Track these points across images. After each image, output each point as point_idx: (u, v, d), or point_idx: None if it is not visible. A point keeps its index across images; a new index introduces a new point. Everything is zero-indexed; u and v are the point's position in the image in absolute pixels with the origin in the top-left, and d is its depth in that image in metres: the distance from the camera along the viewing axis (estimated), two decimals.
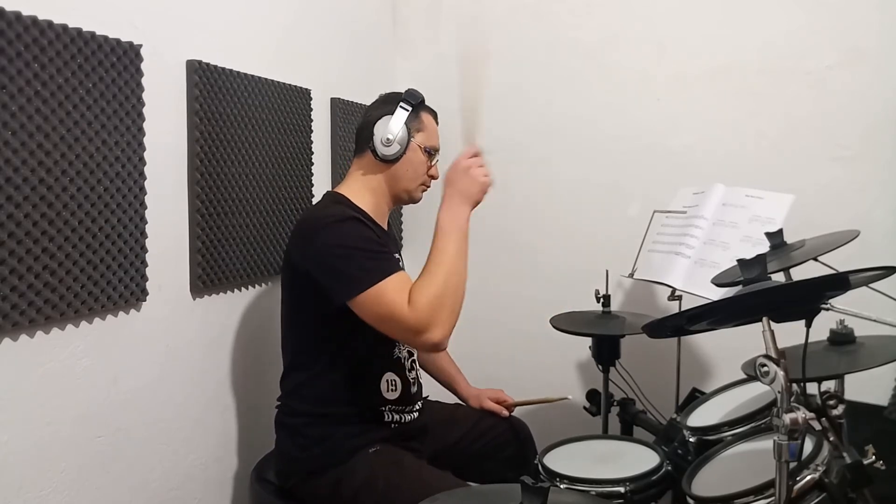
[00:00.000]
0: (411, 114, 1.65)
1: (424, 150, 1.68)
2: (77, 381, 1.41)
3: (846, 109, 2.12)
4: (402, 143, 1.64)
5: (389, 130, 1.62)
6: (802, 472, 1.19)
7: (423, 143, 1.68)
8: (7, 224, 1.23)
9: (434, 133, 1.72)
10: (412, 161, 1.67)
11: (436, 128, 1.74)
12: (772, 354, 1.06)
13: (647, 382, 2.12)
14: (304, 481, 1.57)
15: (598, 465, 1.62)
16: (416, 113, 1.67)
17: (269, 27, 1.98)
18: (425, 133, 1.69)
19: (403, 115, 1.64)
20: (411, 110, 1.65)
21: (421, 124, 1.68)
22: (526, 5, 2.52)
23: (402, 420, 1.66)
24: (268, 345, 1.69)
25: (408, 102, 1.65)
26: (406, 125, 1.64)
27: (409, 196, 1.72)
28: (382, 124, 1.64)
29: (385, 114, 1.65)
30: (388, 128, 1.62)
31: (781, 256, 1.49)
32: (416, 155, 1.67)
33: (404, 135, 1.64)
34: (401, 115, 1.63)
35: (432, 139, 1.71)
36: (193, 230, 1.69)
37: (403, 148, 1.64)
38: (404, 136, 1.64)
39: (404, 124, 1.64)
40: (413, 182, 1.70)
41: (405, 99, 1.65)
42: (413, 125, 1.66)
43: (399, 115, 1.63)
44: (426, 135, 1.69)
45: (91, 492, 1.44)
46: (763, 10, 2.20)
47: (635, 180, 2.38)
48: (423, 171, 1.70)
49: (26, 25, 1.25)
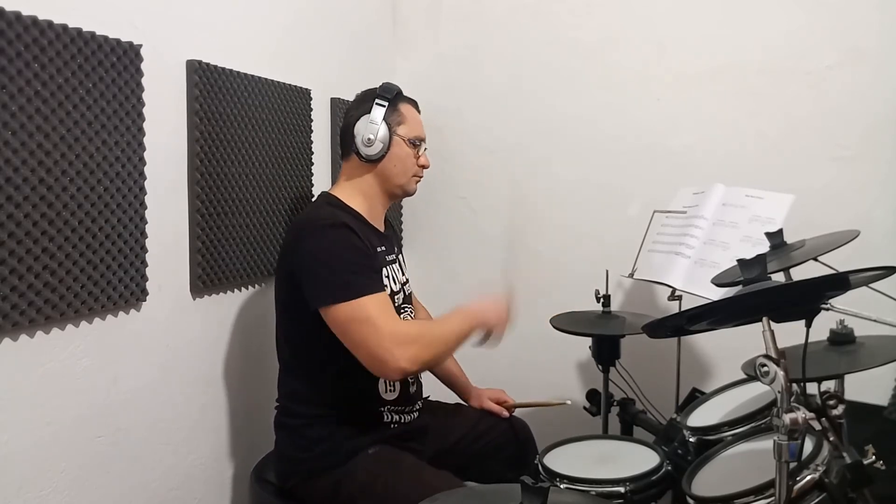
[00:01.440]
0: (388, 108, 1.63)
1: (409, 141, 1.66)
2: (77, 381, 1.41)
3: (846, 109, 2.11)
4: (384, 140, 1.62)
5: (369, 130, 1.61)
6: (802, 472, 1.19)
7: (406, 135, 1.66)
8: (7, 224, 1.23)
9: (417, 123, 1.70)
10: (398, 155, 1.65)
11: (418, 117, 1.71)
12: (772, 354, 1.06)
13: (647, 382, 2.12)
14: (303, 482, 1.57)
15: (598, 465, 1.62)
16: (393, 106, 1.65)
17: (269, 27, 1.98)
18: (407, 125, 1.67)
19: (381, 112, 1.62)
20: (388, 105, 1.63)
21: (401, 117, 1.66)
22: (526, 5, 2.52)
23: (401, 420, 1.66)
24: (268, 345, 1.69)
25: (383, 98, 1.63)
26: (385, 121, 1.62)
27: (404, 190, 1.71)
28: (362, 124, 1.62)
29: (363, 113, 1.63)
30: (368, 127, 1.61)
31: (781, 256, 1.49)
32: (401, 149, 1.65)
33: (385, 131, 1.62)
34: (378, 112, 1.61)
35: (415, 129, 1.69)
36: (193, 230, 1.69)
37: (387, 145, 1.63)
38: (385, 133, 1.62)
39: (383, 120, 1.62)
40: (404, 176, 1.68)
41: (380, 94, 1.63)
42: (393, 119, 1.64)
43: (376, 112, 1.61)
44: (408, 126, 1.67)
45: (91, 492, 1.44)
46: (763, 10, 2.20)
47: (635, 180, 2.37)
48: (411, 163, 1.68)
49: (26, 25, 1.25)
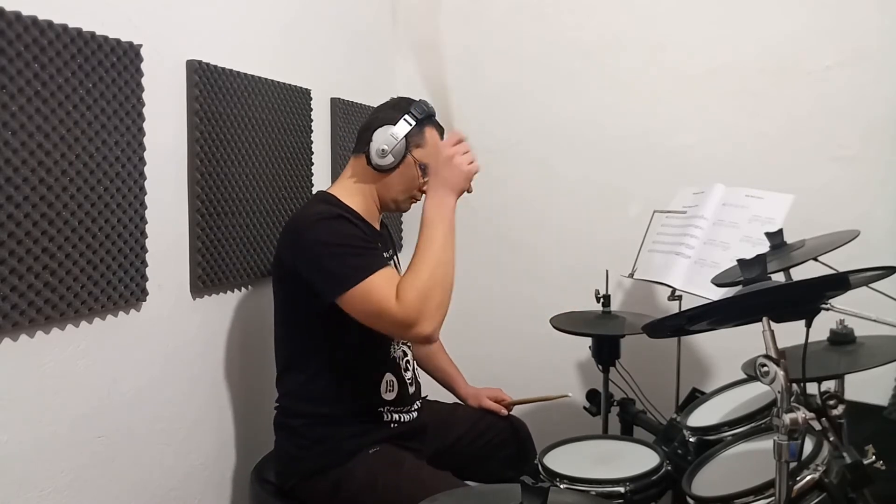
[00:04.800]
0: (415, 128, 1.59)
1: (419, 166, 1.62)
2: (77, 381, 1.41)
3: (846, 109, 2.12)
4: (397, 156, 1.58)
5: (387, 141, 1.57)
6: (802, 472, 1.19)
7: (420, 158, 1.61)
8: (7, 224, 1.22)
9: (435, 150, 1.63)
10: (405, 175, 1.62)
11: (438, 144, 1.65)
12: (772, 354, 1.06)
13: (647, 382, 2.12)
14: (303, 482, 1.57)
15: (598, 465, 1.62)
16: (420, 127, 1.61)
17: (269, 27, 1.98)
18: (425, 150, 1.62)
19: (405, 129, 1.58)
20: (415, 124, 1.59)
21: (422, 140, 1.62)
22: (526, 5, 2.52)
23: (401, 420, 1.66)
24: (268, 344, 1.69)
25: (413, 116, 1.59)
26: (406, 138, 1.58)
27: (396, 206, 1.68)
28: (382, 133, 1.58)
29: (388, 121, 1.59)
30: (387, 138, 1.57)
31: (781, 256, 1.49)
32: (410, 169, 1.62)
33: (401, 148, 1.58)
34: (403, 128, 1.58)
35: (431, 157, 1.62)
36: (193, 230, 1.69)
37: (398, 161, 1.59)
38: (401, 150, 1.58)
39: (404, 137, 1.58)
40: (402, 194, 1.65)
41: (411, 112, 1.59)
42: (413, 140, 1.60)
43: (401, 126, 1.58)
44: (425, 151, 1.62)
45: (91, 492, 1.44)
46: (763, 10, 2.20)
47: (635, 180, 2.38)
48: (414, 186, 1.65)
49: (26, 25, 1.25)
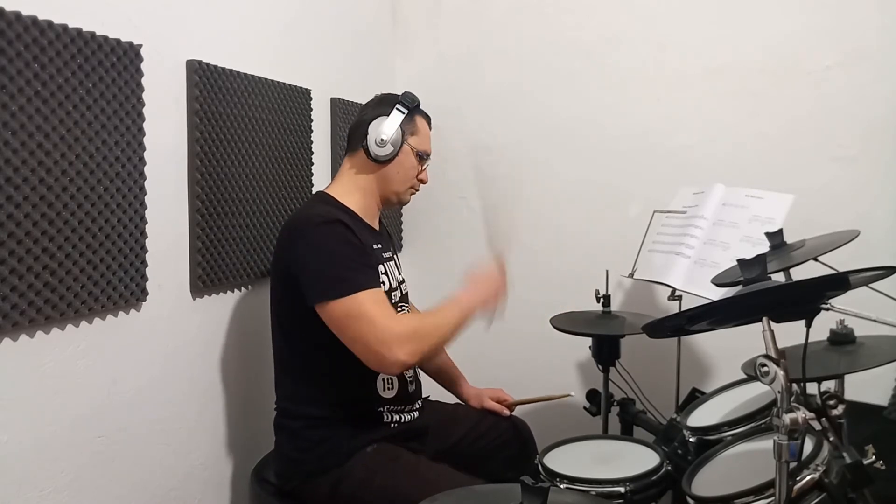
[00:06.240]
0: (407, 116, 1.67)
1: (416, 153, 1.71)
2: (77, 381, 1.41)
3: (846, 109, 2.12)
4: (395, 144, 1.66)
5: (384, 131, 1.64)
6: (802, 472, 1.19)
7: (415, 146, 1.70)
8: (7, 224, 1.23)
9: (427, 138, 1.75)
10: (403, 164, 1.69)
11: (429, 132, 1.76)
12: (772, 354, 1.06)
13: (647, 382, 2.12)
14: (304, 483, 1.57)
15: (598, 465, 1.62)
16: (411, 116, 1.69)
17: (269, 27, 1.98)
18: (418, 137, 1.71)
19: (399, 118, 1.66)
20: (407, 113, 1.67)
21: (415, 128, 1.70)
22: (526, 5, 2.52)
23: (401, 420, 1.66)
24: (268, 344, 1.69)
25: (404, 105, 1.67)
26: (401, 128, 1.66)
27: (398, 198, 1.75)
28: (377, 125, 1.65)
29: (381, 115, 1.66)
30: (383, 129, 1.64)
31: (781, 256, 1.49)
32: (407, 158, 1.69)
33: (398, 137, 1.66)
34: (396, 118, 1.66)
35: (424, 143, 1.73)
36: (193, 230, 1.69)
37: (396, 150, 1.66)
38: (398, 139, 1.66)
39: (399, 126, 1.66)
40: (403, 185, 1.72)
41: (402, 101, 1.67)
42: (408, 128, 1.68)
43: (395, 116, 1.66)
44: (419, 139, 1.71)
45: (91, 492, 1.44)
46: (763, 10, 2.20)
47: (635, 180, 2.37)
48: (413, 175, 1.73)
49: (26, 25, 1.25)
